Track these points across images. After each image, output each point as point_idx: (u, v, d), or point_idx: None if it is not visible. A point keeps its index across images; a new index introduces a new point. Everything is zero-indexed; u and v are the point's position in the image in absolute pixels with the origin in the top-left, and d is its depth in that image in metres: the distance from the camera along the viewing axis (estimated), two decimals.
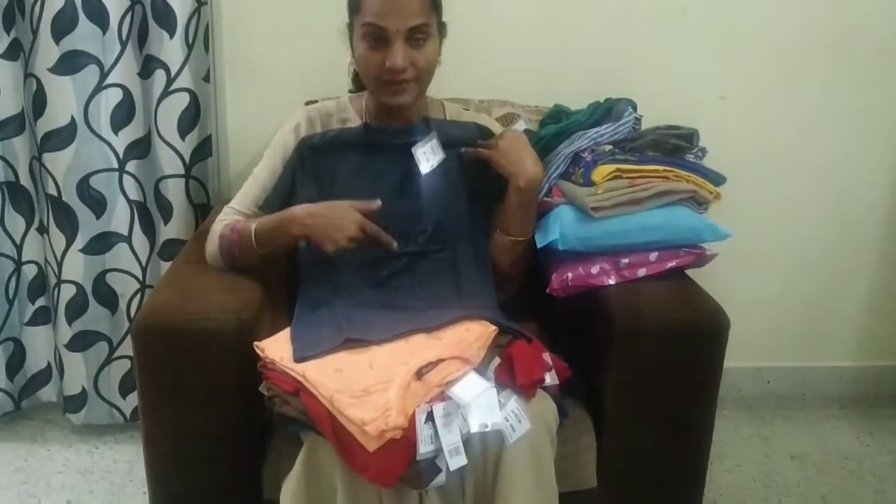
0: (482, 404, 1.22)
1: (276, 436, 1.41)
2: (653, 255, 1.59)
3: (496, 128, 1.68)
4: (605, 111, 1.71)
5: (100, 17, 1.84)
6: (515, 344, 1.36)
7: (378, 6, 1.40)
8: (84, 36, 1.84)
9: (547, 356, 1.38)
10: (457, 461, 1.20)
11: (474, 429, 1.20)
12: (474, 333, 1.35)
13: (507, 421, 1.23)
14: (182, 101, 1.93)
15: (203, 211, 2.06)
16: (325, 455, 1.23)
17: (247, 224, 1.50)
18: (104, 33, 1.85)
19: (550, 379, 1.35)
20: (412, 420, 1.20)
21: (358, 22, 1.44)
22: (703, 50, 2.10)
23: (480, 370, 1.29)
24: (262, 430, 1.43)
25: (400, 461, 1.18)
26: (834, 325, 2.39)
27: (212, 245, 1.56)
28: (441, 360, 1.29)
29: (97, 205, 1.96)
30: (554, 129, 1.74)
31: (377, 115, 1.59)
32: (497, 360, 1.32)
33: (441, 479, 1.20)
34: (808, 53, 2.13)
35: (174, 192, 2.01)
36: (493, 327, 1.37)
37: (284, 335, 1.40)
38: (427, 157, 1.52)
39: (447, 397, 1.24)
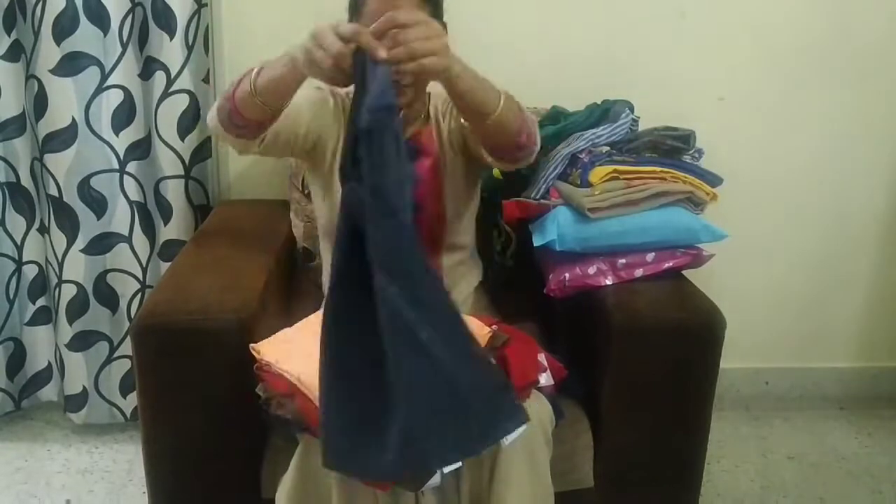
0: None
1: (274, 434, 1.42)
2: (650, 256, 1.60)
3: None
4: (602, 112, 1.72)
5: (100, 19, 1.85)
6: (510, 346, 1.36)
7: (376, 12, 1.31)
8: (85, 37, 1.85)
9: (542, 357, 1.38)
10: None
11: None
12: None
13: None
14: (182, 102, 1.94)
15: (203, 212, 2.07)
16: (320, 457, 1.23)
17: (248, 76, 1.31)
18: (105, 35, 1.86)
19: (545, 380, 1.36)
20: None
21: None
22: (701, 51, 2.11)
23: None
24: (260, 429, 1.43)
25: None
26: (832, 325, 2.40)
27: (216, 103, 1.40)
28: None
29: (98, 205, 1.97)
30: (552, 130, 1.75)
31: None
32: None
33: (436, 480, 1.20)
34: (805, 55, 2.14)
35: (174, 192, 2.02)
36: (488, 328, 1.37)
37: (281, 336, 1.40)
38: None
39: None
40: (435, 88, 1.56)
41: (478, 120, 1.33)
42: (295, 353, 1.33)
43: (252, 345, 1.36)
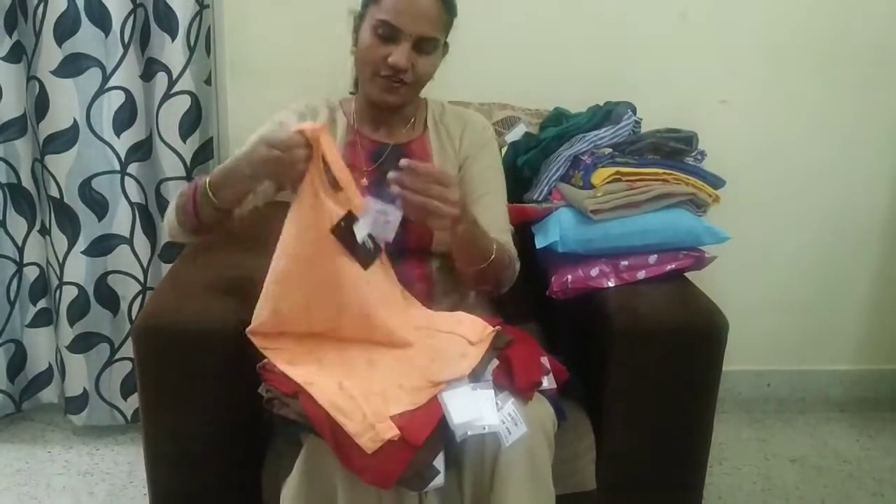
0: (471, 404, 1.23)
1: (275, 438, 1.42)
2: (652, 258, 1.60)
3: (479, 120, 1.66)
4: (604, 114, 1.72)
5: (102, 20, 1.85)
6: (514, 347, 1.36)
7: (399, 6, 1.42)
8: (86, 39, 1.85)
9: (545, 360, 1.38)
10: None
11: (471, 431, 1.21)
12: (469, 328, 1.37)
13: (504, 423, 1.23)
14: (183, 103, 1.94)
15: None
16: (325, 457, 1.23)
17: (203, 177, 1.42)
18: (106, 36, 1.86)
19: (548, 383, 1.35)
20: (409, 422, 1.20)
21: (372, 15, 1.44)
22: (703, 53, 2.11)
23: (478, 373, 1.29)
24: (261, 432, 1.43)
25: (398, 462, 1.18)
26: (834, 328, 2.39)
27: (170, 209, 1.49)
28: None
29: (99, 207, 1.97)
30: (554, 131, 1.75)
31: (364, 118, 1.59)
32: (495, 363, 1.32)
33: (440, 480, 1.20)
34: (807, 57, 2.14)
35: (175, 194, 2.01)
36: (491, 328, 1.37)
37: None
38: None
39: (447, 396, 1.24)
40: (430, 94, 1.57)
41: (463, 266, 1.46)
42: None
43: (249, 332, 1.35)
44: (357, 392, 1.24)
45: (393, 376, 1.30)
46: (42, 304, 2.13)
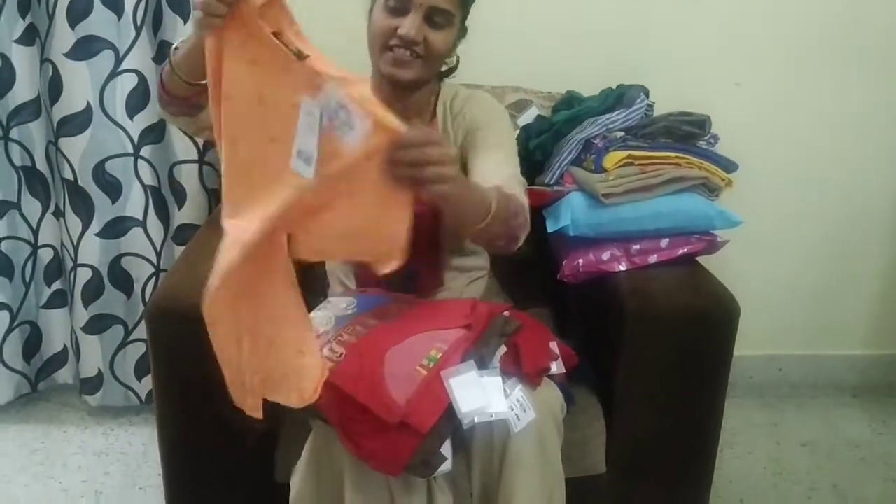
0: (478, 391, 1.22)
1: (288, 419, 1.42)
2: (664, 242, 1.59)
3: (487, 97, 1.62)
4: (617, 97, 1.71)
5: (115, 3, 1.85)
6: (522, 333, 1.36)
7: None
8: (99, 21, 1.85)
9: (554, 345, 1.38)
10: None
11: (479, 418, 1.20)
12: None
13: (513, 410, 1.23)
14: None
15: (216, 196, 2.07)
16: (332, 443, 1.23)
17: None
18: (119, 19, 1.86)
19: (557, 368, 1.35)
20: (416, 409, 1.19)
21: None
22: (717, 36, 2.09)
23: (486, 360, 1.28)
24: (274, 413, 1.43)
25: (405, 450, 1.18)
26: (846, 312, 2.38)
27: None
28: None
29: (112, 189, 1.98)
30: (566, 115, 1.74)
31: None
32: (503, 349, 1.31)
33: (447, 467, 1.20)
34: (823, 41, 2.11)
35: (188, 177, 2.03)
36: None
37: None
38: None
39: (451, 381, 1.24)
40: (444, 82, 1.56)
41: (461, 230, 1.37)
42: None
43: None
44: (245, 359, 1.21)
45: (283, 364, 1.21)
46: (57, 285, 2.15)
